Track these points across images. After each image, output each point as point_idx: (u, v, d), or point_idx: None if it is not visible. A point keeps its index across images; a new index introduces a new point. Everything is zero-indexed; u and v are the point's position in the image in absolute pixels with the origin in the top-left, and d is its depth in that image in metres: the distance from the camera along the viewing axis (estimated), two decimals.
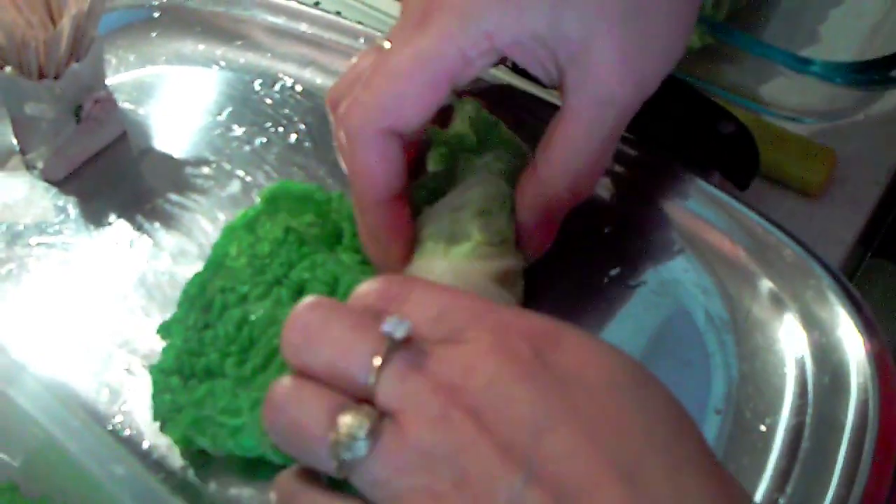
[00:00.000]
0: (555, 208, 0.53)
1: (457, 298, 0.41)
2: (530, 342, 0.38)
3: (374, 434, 0.37)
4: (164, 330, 0.53)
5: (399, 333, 0.38)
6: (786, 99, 0.66)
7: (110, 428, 0.51)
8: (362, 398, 0.39)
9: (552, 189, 0.52)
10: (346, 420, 0.38)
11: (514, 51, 0.50)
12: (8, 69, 0.58)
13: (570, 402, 0.37)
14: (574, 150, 0.51)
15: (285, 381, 0.41)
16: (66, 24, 0.57)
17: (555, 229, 0.54)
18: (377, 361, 0.38)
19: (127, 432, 0.51)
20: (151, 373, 0.51)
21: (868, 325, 0.52)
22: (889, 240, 0.71)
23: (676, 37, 0.52)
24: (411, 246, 0.52)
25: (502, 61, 0.53)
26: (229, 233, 0.55)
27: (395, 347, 0.38)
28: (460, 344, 0.39)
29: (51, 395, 0.39)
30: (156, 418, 0.51)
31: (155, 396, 0.51)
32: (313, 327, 0.40)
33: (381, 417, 0.38)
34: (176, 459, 0.50)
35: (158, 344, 0.54)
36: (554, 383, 0.37)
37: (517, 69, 0.57)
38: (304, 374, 0.40)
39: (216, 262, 0.54)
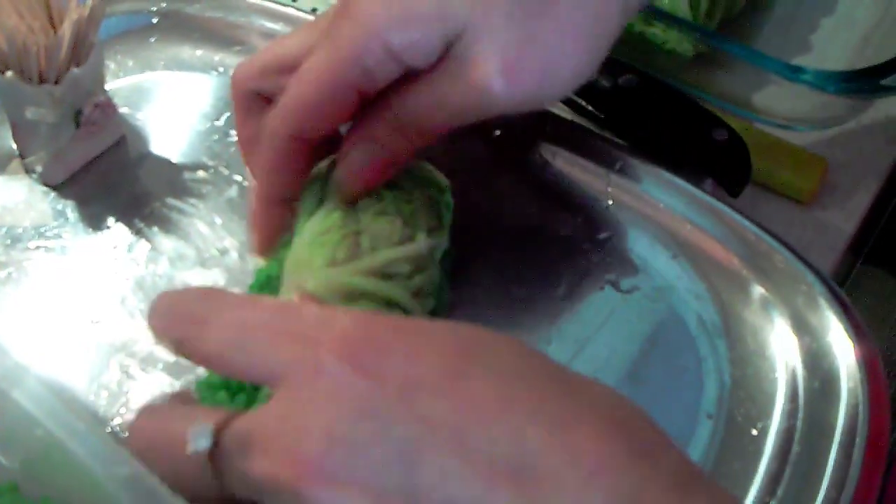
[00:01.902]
0: (382, 135, 0.51)
1: (253, 314, 0.40)
2: (347, 357, 0.37)
3: None
4: None
5: (206, 444, 0.38)
6: (778, 107, 0.66)
7: (109, 430, 0.52)
8: None
9: (388, 120, 0.51)
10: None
11: (408, 54, 0.49)
12: (9, 74, 0.58)
13: (422, 417, 0.36)
14: (424, 110, 0.50)
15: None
16: (66, 30, 0.58)
17: (374, 161, 0.52)
18: (208, 475, 0.38)
19: (126, 435, 0.52)
20: (198, 388, 0.51)
21: (858, 331, 0.53)
22: (880, 247, 0.72)
23: (567, 41, 0.49)
24: (274, 242, 0.54)
25: None
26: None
27: (214, 452, 0.38)
28: (274, 401, 0.38)
29: (54, 397, 0.39)
30: None
31: None
32: (144, 455, 0.40)
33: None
34: None
35: (157, 348, 0.55)
36: (394, 403, 0.36)
37: None
38: None
39: (260, 283, 0.53)
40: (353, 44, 0.48)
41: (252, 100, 0.54)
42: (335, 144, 0.53)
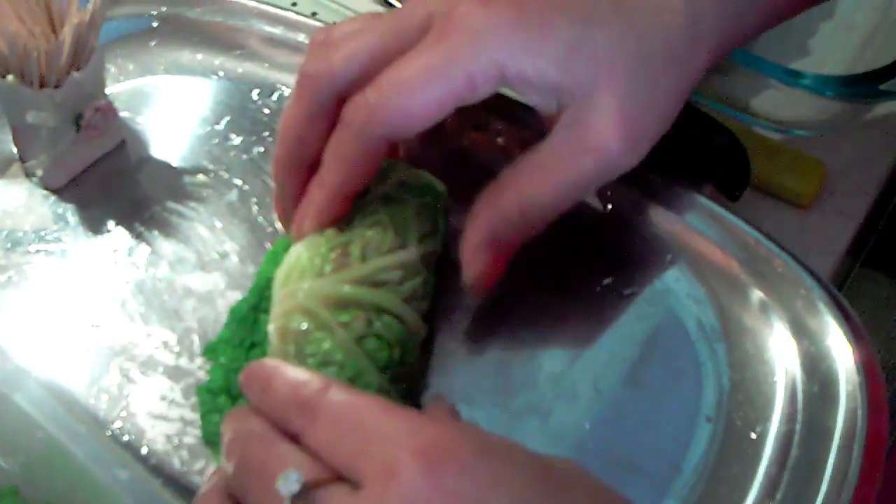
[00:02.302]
0: (503, 231, 0.53)
1: (354, 415, 0.41)
2: (427, 467, 0.38)
3: None
4: (211, 351, 0.54)
5: (293, 489, 0.39)
6: (777, 111, 0.66)
7: (109, 433, 0.52)
8: None
9: (507, 210, 0.52)
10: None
11: (519, 84, 0.50)
12: (10, 78, 0.58)
13: None
14: (541, 180, 0.51)
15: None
16: (67, 34, 0.58)
17: (498, 258, 0.53)
18: None
19: (126, 438, 0.52)
20: (199, 393, 0.51)
21: (857, 334, 0.53)
22: (878, 250, 0.72)
23: (671, 107, 0.52)
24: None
25: None
26: (272, 257, 0.55)
27: (297, 501, 0.39)
28: (359, 491, 0.39)
29: (55, 401, 0.39)
30: (206, 438, 0.51)
31: (204, 417, 0.51)
32: (241, 469, 0.42)
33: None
34: (174, 464, 0.51)
35: (157, 351, 0.55)
36: None
37: None
38: None
39: (260, 286, 0.54)
40: (467, 58, 0.49)
41: (330, 99, 0.52)
42: None
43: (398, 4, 0.78)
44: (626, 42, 0.50)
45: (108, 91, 0.64)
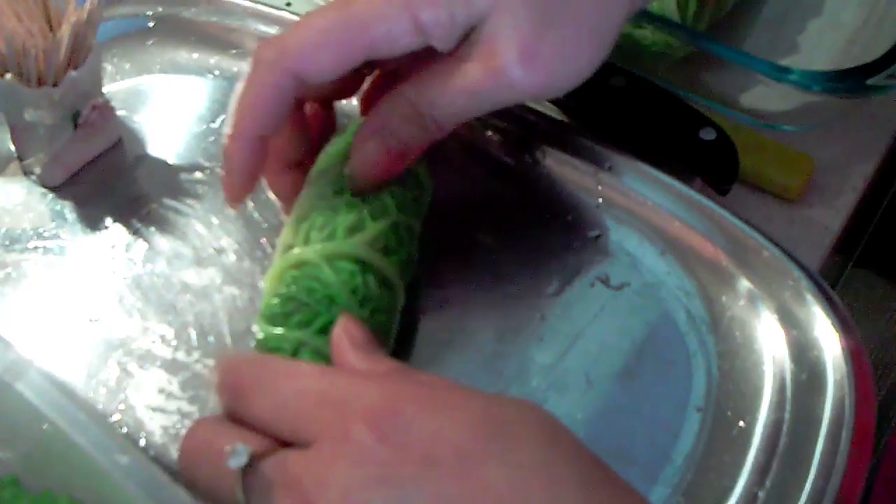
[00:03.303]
0: (397, 124, 0.53)
1: (294, 381, 0.43)
2: (373, 426, 0.39)
3: None
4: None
5: (242, 461, 0.40)
6: (765, 107, 0.67)
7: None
8: None
9: (403, 108, 0.52)
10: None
11: (434, 30, 0.51)
12: (8, 76, 0.59)
13: (436, 494, 0.38)
14: (441, 87, 0.52)
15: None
16: (65, 33, 0.59)
17: (389, 152, 0.53)
18: (240, 495, 0.40)
19: (124, 430, 0.52)
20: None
21: (844, 324, 0.54)
22: (870, 250, 0.73)
23: (583, 42, 0.52)
24: (250, 188, 0.54)
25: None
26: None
27: (249, 473, 0.40)
28: (307, 451, 0.40)
29: (56, 390, 0.40)
30: None
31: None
32: (188, 460, 0.43)
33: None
34: (172, 455, 0.51)
35: (154, 345, 0.56)
36: (410, 476, 0.38)
37: None
38: None
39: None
40: (382, 7, 0.50)
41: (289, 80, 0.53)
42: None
43: None
44: None
45: (105, 90, 0.65)
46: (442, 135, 0.53)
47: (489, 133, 0.64)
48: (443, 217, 0.60)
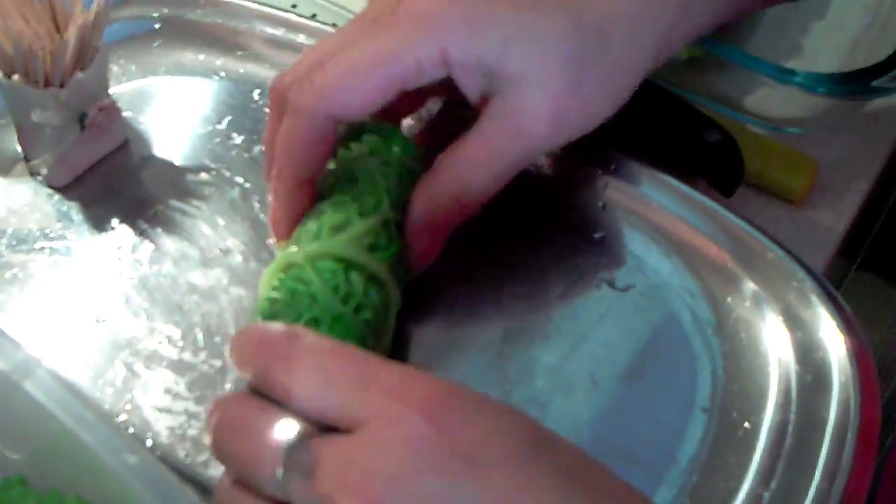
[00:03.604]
0: (440, 216, 0.54)
1: (340, 361, 0.42)
2: (431, 416, 0.39)
3: None
4: None
5: (292, 437, 0.40)
6: (770, 109, 0.67)
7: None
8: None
9: (444, 196, 0.54)
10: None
11: (459, 69, 0.52)
12: (15, 77, 0.59)
13: (484, 489, 0.38)
14: (473, 168, 0.53)
15: (225, 490, 0.43)
16: (71, 34, 0.59)
17: (439, 238, 0.55)
18: (280, 473, 0.40)
19: (131, 430, 0.53)
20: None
21: (848, 325, 0.54)
22: (874, 253, 0.73)
23: (610, 98, 0.54)
24: (298, 223, 0.55)
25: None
26: None
27: (294, 452, 0.40)
28: (355, 435, 0.39)
29: (64, 389, 0.40)
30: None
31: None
32: (226, 433, 0.42)
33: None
34: (178, 455, 0.52)
35: (161, 346, 0.56)
36: (461, 471, 0.38)
37: None
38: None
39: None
40: (414, 43, 0.51)
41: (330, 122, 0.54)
42: None
43: None
44: (566, 35, 0.52)
45: (111, 91, 0.65)
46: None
47: None
48: None
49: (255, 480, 0.41)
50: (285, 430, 0.40)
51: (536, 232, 0.61)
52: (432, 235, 0.55)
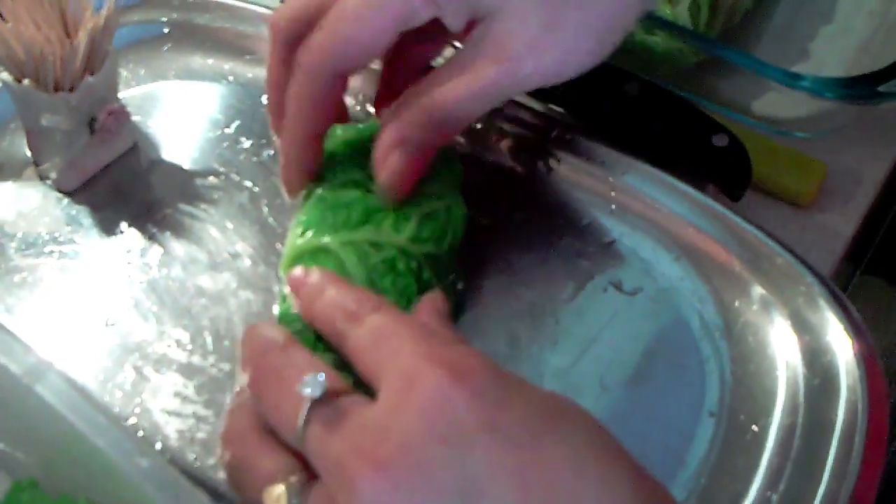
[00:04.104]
0: (413, 132, 0.54)
1: (393, 325, 0.44)
2: (448, 382, 0.39)
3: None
4: None
5: (316, 393, 0.41)
6: (777, 114, 0.67)
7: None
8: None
9: (416, 111, 0.54)
10: (272, 494, 0.41)
11: (445, 5, 0.52)
12: (26, 82, 0.59)
13: (494, 459, 0.38)
14: (450, 87, 0.53)
15: (243, 419, 0.45)
16: (81, 39, 0.59)
17: (411, 160, 0.55)
18: (300, 425, 0.41)
19: (140, 433, 0.53)
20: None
21: (856, 329, 0.54)
22: (879, 258, 0.73)
23: (589, 42, 0.54)
24: (309, 178, 0.57)
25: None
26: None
27: (316, 406, 0.41)
28: (378, 397, 0.41)
29: (76, 393, 0.40)
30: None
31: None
32: (258, 374, 0.45)
33: (309, 482, 0.41)
34: (188, 458, 0.52)
35: (170, 349, 0.56)
36: (472, 439, 0.38)
37: None
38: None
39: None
40: None
41: (292, 41, 0.55)
42: None
43: None
44: None
45: (120, 95, 0.65)
46: (456, 133, 0.56)
47: (504, 140, 0.64)
48: None
49: (277, 426, 0.43)
50: (313, 384, 0.41)
51: (545, 235, 0.61)
52: (405, 156, 0.54)
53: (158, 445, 0.52)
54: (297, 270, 0.51)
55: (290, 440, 0.42)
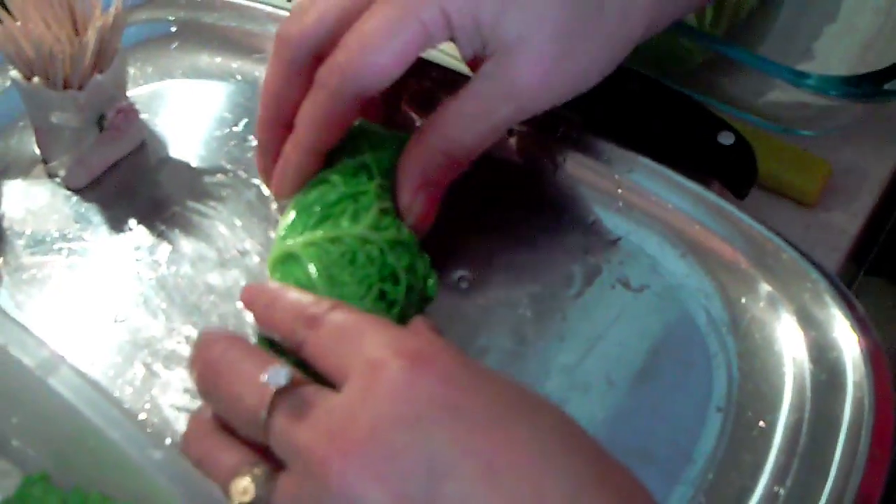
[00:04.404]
0: (433, 174, 0.56)
1: (350, 323, 0.44)
2: (414, 369, 0.40)
3: (264, 495, 0.41)
4: None
5: (281, 381, 0.42)
6: (782, 112, 0.68)
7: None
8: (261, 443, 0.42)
9: (433, 154, 0.55)
10: (238, 486, 0.41)
11: (458, 31, 0.53)
12: (35, 80, 0.60)
13: (460, 442, 0.39)
14: (463, 125, 0.55)
15: (201, 423, 0.46)
16: (91, 37, 0.59)
17: (433, 198, 0.56)
18: (263, 414, 0.41)
19: (150, 429, 0.53)
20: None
21: (862, 325, 0.54)
22: (883, 259, 0.73)
23: (598, 65, 0.56)
24: (300, 187, 0.57)
25: None
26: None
27: (280, 396, 0.41)
28: (344, 387, 0.41)
29: (89, 386, 0.40)
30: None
31: None
32: (213, 370, 0.45)
33: (274, 472, 0.41)
34: None
35: (179, 346, 0.57)
36: (439, 422, 0.39)
37: None
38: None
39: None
40: (418, 8, 0.52)
41: (304, 58, 0.56)
42: None
43: None
44: (561, 2, 0.53)
45: (128, 94, 0.65)
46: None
47: (512, 138, 0.64)
48: (465, 220, 0.61)
49: (236, 420, 0.43)
50: (275, 373, 0.42)
51: (553, 233, 0.61)
52: (427, 194, 0.55)
53: (168, 440, 0.52)
54: (249, 286, 0.52)
55: (251, 432, 0.43)
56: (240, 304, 0.58)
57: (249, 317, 0.57)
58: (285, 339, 0.47)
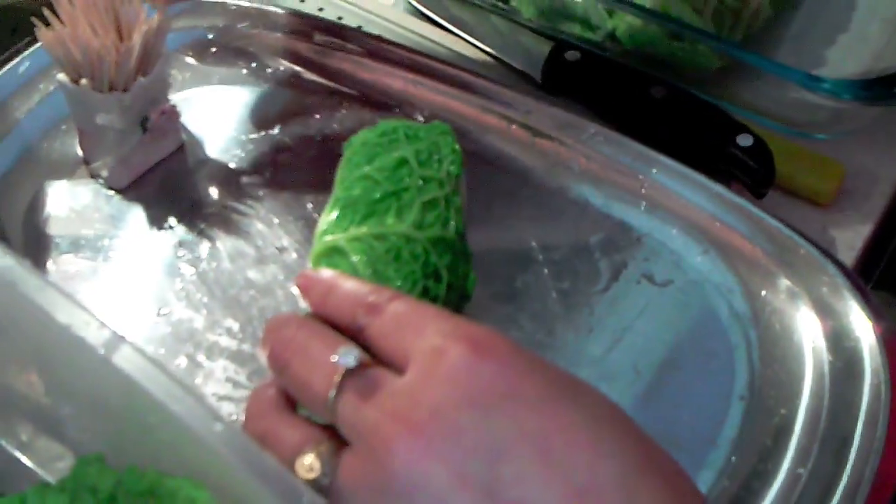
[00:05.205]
0: None
1: (410, 309, 0.45)
2: (475, 354, 0.41)
3: (329, 472, 0.42)
4: None
5: (350, 363, 0.43)
6: (798, 116, 0.69)
7: None
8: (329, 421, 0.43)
9: None
10: (304, 463, 0.43)
11: None
12: (83, 82, 0.62)
13: (518, 424, 0.40)
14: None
15: (263, 400, 0.46)
16: (136, 41, 0.62)
17: None
18: (332, 393, 0.43)
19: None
20: None
21: (877, 315, 0.57)
22: (888, 272, 0.75)
23: None
24: None
25: None
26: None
27: (348, 376, 0.43)
28: (408, 370, 0.42)
29: (151, 363, 0.42)
30: None
31: None
32: (284, 349, 0.46)
33: (340, 450, 0.43)
34: None
35: (220, 338, 0.59)
36: (498, 404, 0.40)
37: None
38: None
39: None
40: None
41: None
42: None
43: (429, 13, 0.82)
44: None
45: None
46: None
47: (540, 141, 0.67)
48: (499, 221, 0.63)
49: (304, 398, 0.44)
50: (345, 354, 0.43)
51: (581, 232, 0.63)
52: None
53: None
54: (305, 273, 0.52)
55: (318, 410, 0.44)
56: (280, 297, 0.60)
57: (287, 310, 0.60)
58: (340, 324, 0.47)
